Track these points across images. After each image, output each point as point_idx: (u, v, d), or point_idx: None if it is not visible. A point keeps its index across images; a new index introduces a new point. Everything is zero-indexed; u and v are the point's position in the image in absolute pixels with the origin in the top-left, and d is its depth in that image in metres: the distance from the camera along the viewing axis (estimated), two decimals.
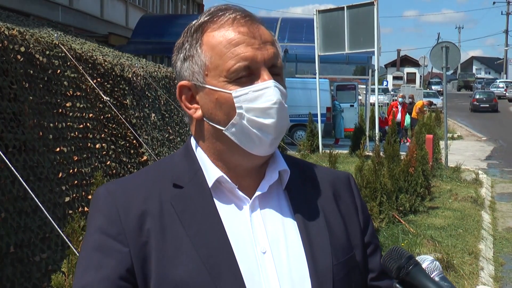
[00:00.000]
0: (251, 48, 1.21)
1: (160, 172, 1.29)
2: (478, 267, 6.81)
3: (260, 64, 1.22)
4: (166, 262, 1.18)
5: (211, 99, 1.23)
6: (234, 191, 1.25)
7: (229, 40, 1.21)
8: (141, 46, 20.86)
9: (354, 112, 22.42)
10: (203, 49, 1.24)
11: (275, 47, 1.26)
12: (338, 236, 1.29)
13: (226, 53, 1.21)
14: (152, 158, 7.61)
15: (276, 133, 1.22)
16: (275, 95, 1.20)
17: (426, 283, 1.06)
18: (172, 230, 1.20)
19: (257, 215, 1.25)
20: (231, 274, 1.17)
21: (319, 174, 1.38)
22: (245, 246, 1.21)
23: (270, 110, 1.20)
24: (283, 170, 1.30)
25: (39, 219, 4.60)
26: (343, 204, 1.36)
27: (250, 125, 1.20)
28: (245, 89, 1.20)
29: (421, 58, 47.89)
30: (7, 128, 4.62)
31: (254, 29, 1.24)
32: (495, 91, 52.28)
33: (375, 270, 1.35)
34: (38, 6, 18.95)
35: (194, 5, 39.95)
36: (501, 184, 13.57)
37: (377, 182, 8.51)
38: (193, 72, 1.25)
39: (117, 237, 1.19)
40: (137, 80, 8.57)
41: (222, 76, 1.21)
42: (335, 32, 15.90)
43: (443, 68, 14.80)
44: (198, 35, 1.25)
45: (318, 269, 1.23)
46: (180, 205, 1.23)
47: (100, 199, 1.25)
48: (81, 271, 1.19)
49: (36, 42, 5.64)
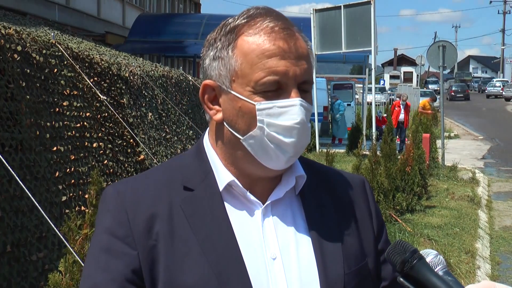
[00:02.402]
0: (284, 62, 1.16)
1: (171, 173, 1.26)
2: (474, 266, 6.82)
3: (291, 80, 1.16)
4: (174, 267, 1.15)
5: (234, 105, 1.19)
6: (246, 196, 1.22)
7: (263, 50, 1.16)
8: (138, 45, 20.82)
9: (351, 111, 22.45)
10: (234, 53, 1.18)
11: (309, 62, 1.21)
12: (351, 243, 1.26)
13: (257, 63, 1.16)
14: (149, 157, 7.61)
15: (295, 152, 1.19)
16: (300, 115, 1.16)
17: (430, 277, 1.06)
18: (181, 234, 1.17)
19: (269, 220, 1.22)
20: (239, 281, 1.15)
21: (334, 178, 1.35)
22: (255, 251, 1.18)
23: (292, 129, 1.16)
24: (299, 175, 1.26)
25: (35, 218, 4.59)
26: (357, 209, 1.32)
27: (269, 140, 1.16)
28: (270, 103, 1.16)
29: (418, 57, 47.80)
30: (3, 127, 4.61)
31: (291, 43, 1.18)
32: (492, 90, 52.46)
33: (387, 278, 1.31)
34: (35, 5, 18.91)
35: (191, 4, 39.92)
36: (497, 183, 13.59)
37: (374, 181, 8.53)
38: (220, 74, 1.20)
39: (125, 239, 1.17)
40: (134, 79, 8.56)
41: (249, 85, 1.16)
42: (332, 31, 15.92)
43: (440, 67, 14.82)
44: (232, 37, 1.20)
45: (328, 278, 1.19)
46: (190, 208, 1.20)
47: (109, 199, 1.22)
48: (88, 272, 1.18)
49: (32, 41, 5.63)
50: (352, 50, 16.20)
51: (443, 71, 15.10)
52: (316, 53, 16.21)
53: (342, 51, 16.33)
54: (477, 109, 39.41)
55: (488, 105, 42.87)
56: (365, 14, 15.43)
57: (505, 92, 48.85)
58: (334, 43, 15.97)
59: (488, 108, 40.46)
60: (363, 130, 18.09)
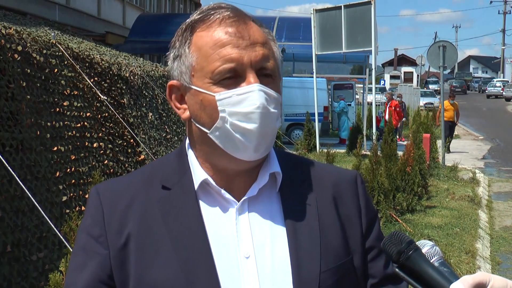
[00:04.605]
0: (237, 49, 1.16)
1: (152, 173, 1.27)
2: (475, 266, 6.82)
3: (246, 66, 1.17)
4: (144, 265, 1.16)
5: (196, 100, 1.20)
6: (221, 193, 1.22)
7: (215, 41, 1.17)
8: (138, 45, 20.81)
9: (351, 111, 22.44)
10: (191, 49, 1.21)
11: (267, 48, 1.21)
12: (332, 240, 1.24)
13: (211, 54, 1.17)
14: (150, 157, 7.61)
15: (259, 139, 1.17)
16: (259, 100, 1.15)
17: (426, 268, 1.06)
18: (154, 233, 1.18)
19: (244, 218, 1.21)
20: (207, 279, 1.14)
21: (322, 175, 1.33)
22: (228, 250, 1.18)
23: (252, 114, 1.15)
24: (275, 172, 1.26)
25: (36, 218, 4.60)
26: (343, 206, 1.30)
27: (232, 130, 1.16)
28: (229, 92, 1.16)
29: (418, 57, 47.82)
30: (4, 127, 4.61)
31: (243, 29, 1.19)
32: (492, 90, 52.45)
33: (376, 276, 1.30)
34: (35, 5, 18.92)
35: (192, 4, 39.93)
36: (498, 183, 13.59)
37: (375, 181, 8.53)
38: (181, 72, 1.22)
39: (98, 238, 1.19)
40: (134, 79, 8.56)
41: (207, 77, 1.18)
42: (333, 31, 15.91)
43: (440, 67, 14.82)
44: (187, 35, 1.22)
45: (302, 277, 1.18)
46: (166, 207, 1.21)
47: (91, 199, 1.25)
48: (69, 269, 1.21)
49: (33, 41, 5.63)
50: (352, 50, 16.18)
51: (444, 71, 15.09)
52: (316, 53, 16.22)
53: (342, 51, 16.32)
54: (478, 109, 39.40)
55: (489, 105, 42.87)
56: (366, 14, 15.42)
57: (505, 92, 48.83)
58: (334, 43, 15.97)
59: (488, 108, 40.46)
60: (363, 130, 18.09)
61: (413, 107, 34.18)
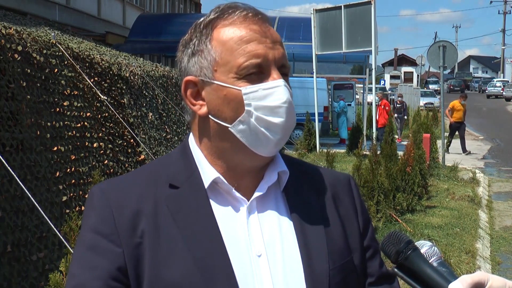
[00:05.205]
0: (262, 46, 1.20)
1: (156, 172, 1.27)
2: (475, 266, 6.82)
3: (271, 63, 1.20)
4: (159, 264, 1.16)
5: (219, 95, 1.21)
6: (231, 192, 1.23)
7: (240, 36, 1.20)
8: (138, 45, 20.83)
9: (351, 111, 22.45)
10: (213, 45, 1.22)
11: (283, 48, 1.25)
12: (336, 239, 1.26)
13: (237, 50, 1.19)
14: (150, 157, 7.61)
15: (283, 133, 1.21)
16: (285, 94, 1.19)
17: (424, 268, 1.07)
18: (166, 231, 1.18)
19: (254, 217, 1.23)
20: (224, 277, 1.15)
21: (319, 176, 1.36)
22: (240, 248, 1.19)
23: (279, 109, 1.19)
24: (282, 171, 1.28)
25: (36, 218, 4.60)
26: (342, 206, 1.33)
27: (258, 123, 1.19)
28: (255, 86, 1.19)
29: (418, 57, 47.83)
30: (4, 127, 4.61)
31: (265, 28, 1.23)
32: (492, 90, 52.46)
33: (373, 274, 1.32)
34: (35, 5, 18.92)
35: (192, 4, 39.94)
36: (498, 183, 13.59)
37: (375, 181, 8.53)
38: (202, 67, 1.23)
39: (110, 236, 1.18)
40: (134, 79, 8.57)
41: (232, 72, 1.19)
42: (333, 31, 15.91)
43: (440, 67, 14.82)
44: (208, 31, 1.23)
45: (313, 273, 1.20)
46: (175, 205, 1.21)
47: (94, 198, 1.23)
48: (73, 271, 1.18)
49: (33, 41, 5.63)
50: (352, 50, 16.19)
51: (444, 71, 15.09)
52: (316, 53, 16.22)
53: (342, 51, 16.32)
54: (478, 109, 39.37)
55: (489, 105, 42.86)
56: (366, 14, 15.42)
57: (505, 92, 48.83)
58: (334, 43, 15.97)
59: (488, 108, 40.45)
60: (363, 130, 18.08)
61: (413, 107, 34.19)
